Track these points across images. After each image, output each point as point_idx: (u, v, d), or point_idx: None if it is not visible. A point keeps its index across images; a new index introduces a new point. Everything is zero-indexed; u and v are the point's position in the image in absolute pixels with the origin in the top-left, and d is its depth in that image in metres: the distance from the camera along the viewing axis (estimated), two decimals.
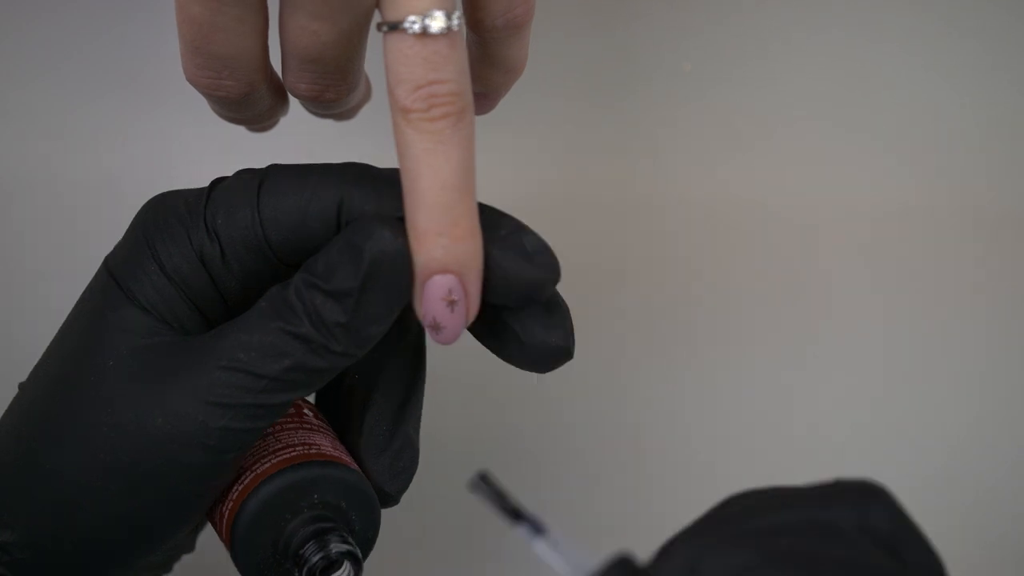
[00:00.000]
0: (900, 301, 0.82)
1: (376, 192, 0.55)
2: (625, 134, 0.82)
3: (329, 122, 0.62)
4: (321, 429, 0.59)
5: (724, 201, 0.82)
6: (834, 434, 0.79)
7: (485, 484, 0.51)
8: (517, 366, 0.57)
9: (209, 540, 0.63)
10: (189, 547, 0.62)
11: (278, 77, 0.60)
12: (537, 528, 0.49)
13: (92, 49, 0.79)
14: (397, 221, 0.53)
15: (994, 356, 0.81)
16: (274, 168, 0.56)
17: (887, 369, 0.81)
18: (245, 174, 0.56)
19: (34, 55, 0.79)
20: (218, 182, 0.56)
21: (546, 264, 0.54)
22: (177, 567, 0.64)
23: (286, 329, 0.53)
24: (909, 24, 0.82)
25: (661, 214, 0.82)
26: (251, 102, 0.58)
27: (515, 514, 0.50)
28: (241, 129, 0.62)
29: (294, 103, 0.61)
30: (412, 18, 0.52)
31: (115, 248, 0.57)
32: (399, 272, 0.53)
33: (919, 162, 0.83)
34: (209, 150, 0.66)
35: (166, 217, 0.56)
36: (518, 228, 0.55)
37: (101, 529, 0.55)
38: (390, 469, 0.59)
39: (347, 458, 0.58)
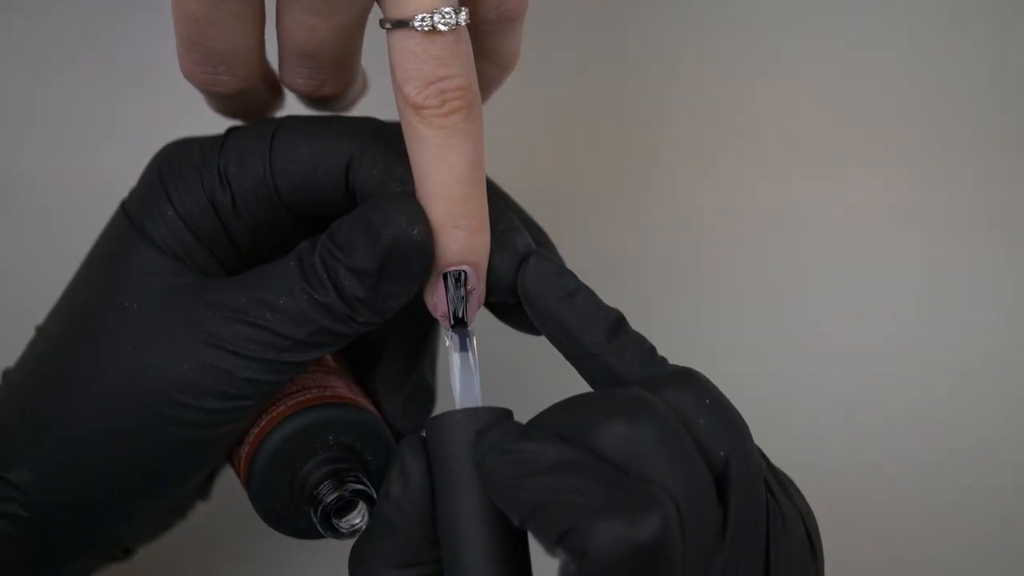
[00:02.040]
0: (899, 300, 0.82)
1: (385, 155, 0.55)
2: (622, 132, 0.82)
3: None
4: (338, 371, 0.60)
5: (722, 199, 0.82)
6: (834, 433, 0.79)
7: (456, 284, 0.54)
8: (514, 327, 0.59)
9: (225, 488, 0.63)
10: (204, 495, 0.63)
11: (273, 71, 0.60)
12: (464, 345, 0.54)
13: (92, 49, 0.79)
14: (414, 203, 0.54)
15: (995, 356, 0.81)
16: (288, 120, 0.57)
17: (887, 368, 0.81)
18: (259, 124, 0.57)
19: (34, 55, 0.79)
20: (233, 130, 0.57)
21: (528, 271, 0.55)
22: (193, 515, 0.64)
23: (312, 296, 0.54)
24: (909, 22, 0.82)
25: (658, 212, 0.82)
26: (247, 97, 0.59)
27: (459, 322, 0.54)
28: (237, 124, 0.62)
29: (290, 97, 0.61)
30: (422, 16, 0.52)
31: (131, 191, 0.58)
32: (416, 258, 0.54)
33: (919, 161, 0.83)
34: None
35: (181, 161, 0.57)
36: (512, 228, 0.56)
37: (116, 469, 0.56)
38: (404, 410, 0.61)
39: (363, 400, 0.59)
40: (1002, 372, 0.81)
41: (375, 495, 0.56)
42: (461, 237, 0.54)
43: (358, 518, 0.56)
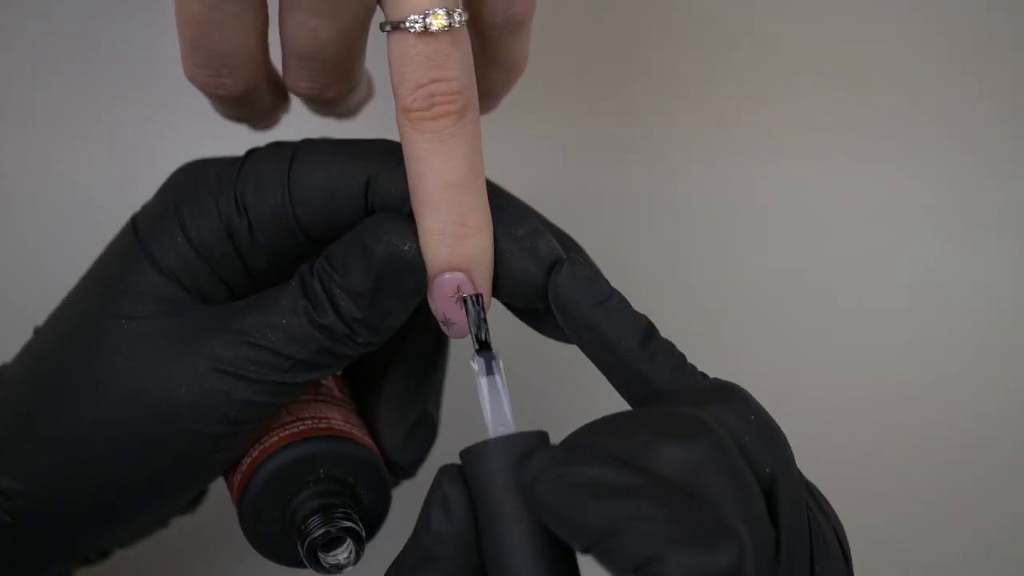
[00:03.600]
0: (901, 299, 0.82)
1: (400, 174, 0.54)
2: (625, 133, 0.82)
3: (331, 121, 0.62)
4: (337, 401, 0.59)
5: (723, 198, 0.82)
6: (835, 432, 0.79)
7: (475, 306, 0.53)
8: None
9: (212, 507, 0.63)
10: (190, 509, 0.63)
11: (278, 75, 0.60)
12: (490, 369, 0.53)
13: (93, 49, 0.79)
14: (405, 221, 0.53)
15: (996, 355, 0.81)
16: (305, 144, 0.56)
17: (889, 367, 0.81)
18: (277, 148, 0.56)
19: (35, 55, 0.79)
20: (252, 153, 0.56)
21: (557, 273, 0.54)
22: (182, 530, 0.64)
23: (312, 317, 0.54)
24: (911, 21, 0.82)
25: (660, 213, 0.82)
26: (251, 100, 0.58)
27: (483, 345, 0.53)
28: (243, 128, 0.62)
29: (296, 102, 0.61)
30: (414, 17, 0.52)
31: (144, 208, 0.57)
32: (409, 275, 0.53)
33: (921, 161, 0.83)
34: (210, 149, 0.66)
35: (197, 185, 0.56)
36: (534, 232, 0.55)
37: (107, 486, 0.55)
38: (405, 442, 0.60)
39: (358, 432, 0.58)
40: (1003, 371, 0.81)
41: (364, 533, 0.56)
42: (449, 243, 0.53)
43: (344, 554, 0.55)
